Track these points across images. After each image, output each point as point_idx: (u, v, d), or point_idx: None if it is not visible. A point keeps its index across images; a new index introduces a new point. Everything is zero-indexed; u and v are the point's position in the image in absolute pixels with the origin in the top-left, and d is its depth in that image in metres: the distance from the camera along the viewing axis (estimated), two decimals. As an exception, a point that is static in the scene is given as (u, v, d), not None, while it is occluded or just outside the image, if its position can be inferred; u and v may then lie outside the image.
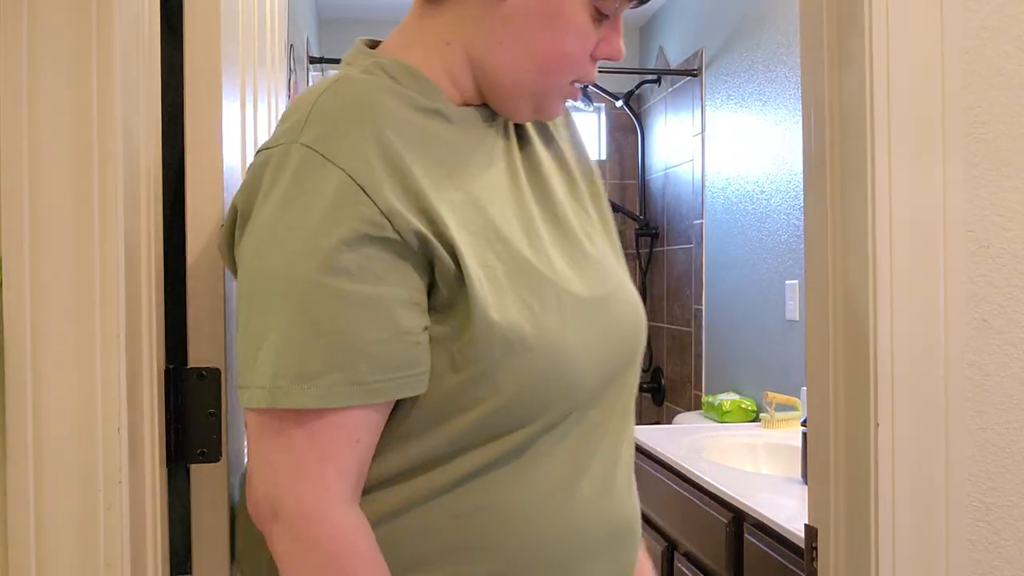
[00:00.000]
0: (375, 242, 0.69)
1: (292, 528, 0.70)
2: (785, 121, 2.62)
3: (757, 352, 2.82)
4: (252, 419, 0.72)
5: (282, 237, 0.69)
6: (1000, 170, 0.94)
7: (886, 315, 0.91)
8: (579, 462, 0.80)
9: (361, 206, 0.68)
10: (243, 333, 0.71)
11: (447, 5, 0.80)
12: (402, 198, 0.70)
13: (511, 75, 0.80)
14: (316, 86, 0.76)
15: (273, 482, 0.70)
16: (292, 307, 0.68)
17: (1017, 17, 0.95)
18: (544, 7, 0.77)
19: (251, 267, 0.70)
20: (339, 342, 0.68)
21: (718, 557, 1.79)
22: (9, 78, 0.70)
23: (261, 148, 0.73)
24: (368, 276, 0.68)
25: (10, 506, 0.70)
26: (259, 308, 0.69)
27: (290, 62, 2.83)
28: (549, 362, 0.74)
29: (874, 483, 0.91)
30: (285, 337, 0.68)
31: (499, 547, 0.76)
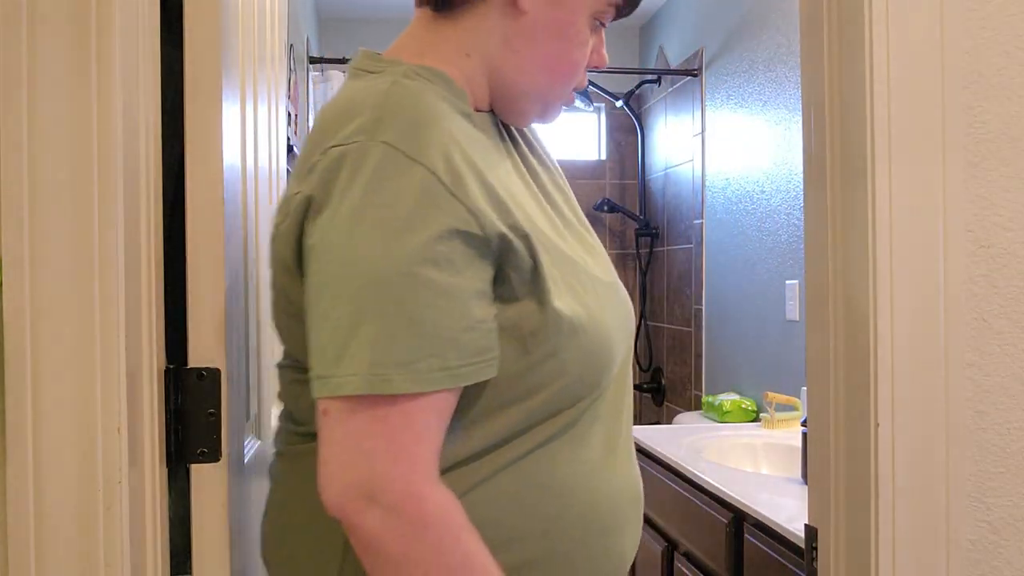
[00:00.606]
0: (460, 236, 0.73)
1: (396, 509, 0.71)
2: (785, 121, 2.62)
3: (757, 352, 2.82)
4: (338, 407, 0.71)
5: (369, 231, 0.71)
6: (1000, 170, 0.94)
7: (886, 315, 0.91)
8: (611, 435, 0.86)
9: (448, 203, 0.72)
10: (325, 323, 0.72)
11: (463, 18, 0.84)
12: (483, 196, 0.75)
13: (525, 83, 0.87)
14: (365, 90, 0.79)
15: (368, 467, 0.71)
16: (385, 298, 0.70)
17: (1017, 17, 0.95)
18: (557, 20, 0.84)
19: (336, 258, 0.72)
20: (431, 330, 0.71)
21: (718, 557, 1.79)
22: (9, 78, 0.70)
23: (332, 145, 0.74)
24: (451, 268, 0.72)
25: (10, 506, 0.70)
26: (348, 299, 0.71)
27: (290, 62, 2.83)
28: (599, 341, 0.81)
29: (874, 483, 0.91)
30: (380, 326, 0.70)
31: (557, 522, 0.81)
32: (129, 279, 0.74)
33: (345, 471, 0.72)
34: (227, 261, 0.89)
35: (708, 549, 1.84)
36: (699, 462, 2.00)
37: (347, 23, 3.99)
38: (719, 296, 3.15)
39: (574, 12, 0.85)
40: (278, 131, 1.38)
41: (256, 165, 1.13)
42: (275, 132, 1.34)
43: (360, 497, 0.71)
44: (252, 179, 1.09)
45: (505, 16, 0.84)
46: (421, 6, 0.87)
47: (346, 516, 0.72)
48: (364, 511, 0.71)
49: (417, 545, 0.72)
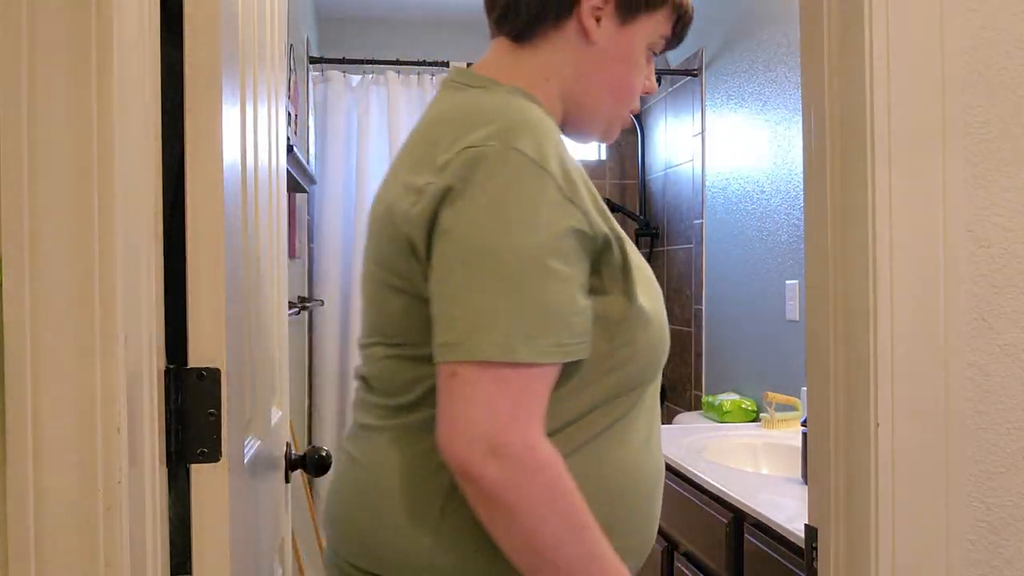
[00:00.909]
0: (576, 235, 0.85)
1: (516, 458, 0.81)
2: (785, 121, 2.62)
3: (757, 352, 2.82)
4: (469, 370, 0.82)
5: (507, 223, 0.82)
6: (1000, 170, 0.94)
7: (886, 315, 0.91)
8: (651, 421, 0.99)
9: (568, 207, 0.85)
10: (460, 297, 0.83)
11: (540, 47, 0.98)
12: (590, 201, 0.88)
13: (593, 104, 1.01)
14: (480, 101, 0.91)
15: (492, 422, 0.81)
16: (517, 281, 0.82)
17: (1018, 17, 0.95)
18: (622, 50, 0.99)
19: (475, 242, 0.83)
20: (551, 312, 0.83)
21: (718, 557, 1.79)
22: (9, 78, 0.70)
23: (467, 146, 0.85)
24: (568, 261, 0.85)
25: (10, 506, 0.70)
26: (483, 278, 0.82)
27: (290, 62, 2.83)
28: (659, 333, 0.95)
29: (874, 483, 0.91)
30: (511, 304, 0.82)
31: (619, 493, 0.93)
32: (129, 279, 0.74)
33: (471, 426, 0.81)
34: (227, 261, 0.89)
35: (708, 549, 1.84)
36: (699, 462, 2.00)
37: (347, 23, 3.99)
38: (719, 296, 3.15)
39: (634, 42, 0.99)
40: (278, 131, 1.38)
41: (256, 165, 1.13)
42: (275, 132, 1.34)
43: (483, 449, 0.81)
44: (252, 179, 1.09)
45: (577, 46, 0.98)
46: (499, 36, 1.01)
47: (470, 467, 0.81)
48: (486, 462, 0.80)
49: (531, 490, 0.81)
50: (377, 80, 3.61)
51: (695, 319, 3.38)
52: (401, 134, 3.56)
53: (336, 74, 3.58)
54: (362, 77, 3.62)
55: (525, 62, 0.99)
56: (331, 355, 3.54)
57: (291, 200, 2.90)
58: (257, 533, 1.11)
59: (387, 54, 3.84)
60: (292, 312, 2.68)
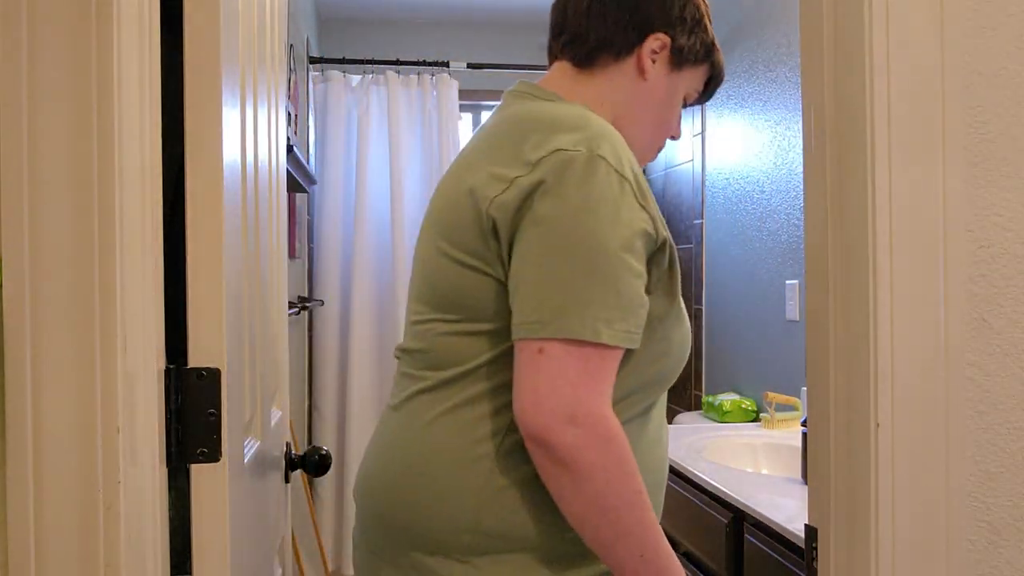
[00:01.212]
0: (646, 236, 0.95)
1: (593, 426, 0.91)
2: (785, 121, 2.62)
3: (757, 352, 2.82)
4: (556, 347, 0.91)
5: (596, 220, 0.92)
6: (1000, 170, 0.94)
7: (886, 315, 0.91)
8: (662, 416, 1.11)
9: (641, 212, 0.95)
10: (550, 280, 0.92)
11: (599, 75, 1.12)
12: (655, 208, 0.98)
13: (637, 133, 1.13)
14: (558, 111, 1.01)
15: (573, 394, 0.91)
16: (602, 271, 0.92)
17: (1018, 17, 0.95)
18: (667, 92, 1.14)
19: (567, 233, 0.92)
20: (625, 302, 0.93)
21: (718, 557, 1.79)
22: (9, 78, 0.70)
23: (559, 148, 0.95)
24: (637, 258, 0.95)
25: (10, 506, 0.70)
26: (573, 266, 0.92)
27: (290, 62, 2.83)
28: (686, 333, 1.06)
29: (874, 483, 0.91)
30: (596, 291, 0.92)
31: (646, 475, 1.01)
32: (129, 279, 0.74)
33: (554, 396, 0.90)
34: (227, 261, 0.89)
35: (708, 549, 1.84)
36: (699, 462, 2.00)
37: (347, 23, 3.99)
38: (719, 296, 3.15)
39: (677, 88, 1.14)
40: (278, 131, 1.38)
41: (256, 165, 1.13)
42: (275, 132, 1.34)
43: (564, 418, 0.90)
44: (252, 179, 1.09)
45: (632, 80, 1.11)
46: (562, 60, 1.13)
47: (549, 433, 0.90)
48: (565, 429, 0.90)
49: (605, 456, 0.91)
50: (377, 80, 3.61)
51: (695, 319, 3.38)
52: (401, 134, 3.56)
53: (336, 74, 3.58)
54: (362, 77, 3.62)
55: (585, 85, 1.11)
56: (331, 355, 3.54)
57: (291, 200, 2.90)
58: (257, 533, 1.11)
59: (387, 54, 3.84)
60: (292, 312, 2.68)
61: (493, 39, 4.08)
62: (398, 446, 1.04)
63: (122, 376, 0.72)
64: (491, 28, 4.10)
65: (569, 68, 1.12)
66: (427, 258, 1.06)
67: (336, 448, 3.53)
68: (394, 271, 3.53)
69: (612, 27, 1.10)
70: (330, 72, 3.58)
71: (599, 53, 1.11)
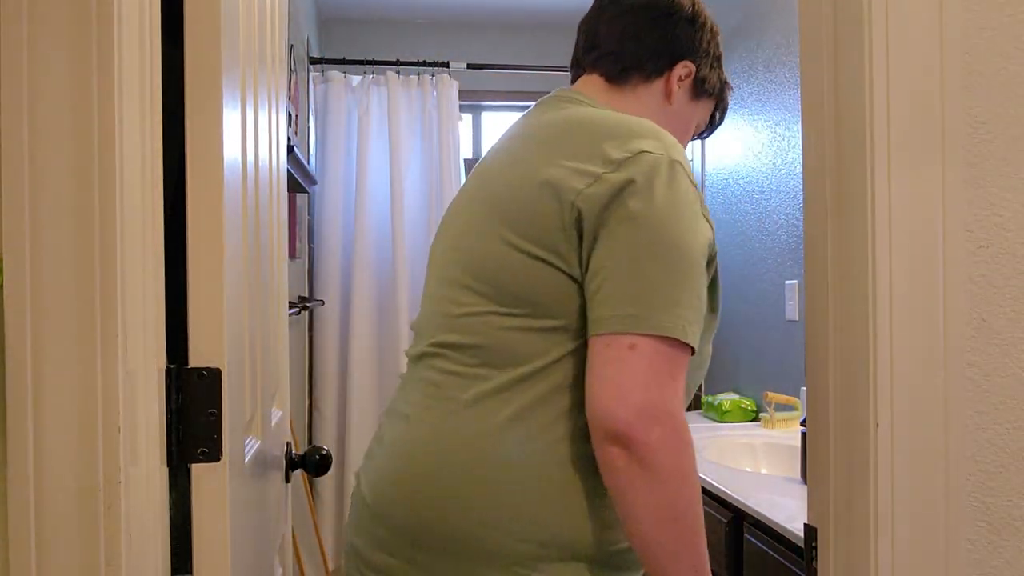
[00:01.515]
0: (710, 247, 0.99)
1: (675, 428, 0.90)
2: (785, 121, 2.62)
3: (757, 352, 2.82)
4: (647, 343, 0.90)
5: (683, 226, 0.95)
6: (1000, 170, 0.94)
7: (886, 315, 0.91)
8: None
9: (708, 223, 1.00)
10: (641, 276, 0.92)
11: (629, 92, 1.16)
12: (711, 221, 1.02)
13: None
14: (622, 116, 1.03)
15: (660, 393, 0.90)
16: (688, 275, 0.94)
17: (1017, 17, 0.95)
18: (684, 117, 1.21)
19: (657, 233, 0.93)
20: (700, 307, 0.96)
21: (718, 556, 1.79)
22: (9, 78, 0.70)
23: (643, 151, 0.97)
24: (706, 267, 0.98)
25: (10, 506, 0.70)
26: (663, 266, 0.93)
27: (290, 62, 2.83)
28: (710, 347, 1.10)
29: (874, 483, 0.91)
30: (683, 293, 0.93)
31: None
32: (129, 279, 0.74)
33: (640, 393, 0.89)
34: (227, 261, 0.89)
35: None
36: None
37: (347, 23, 3.99)
38: (719, 296, 3.15)
39: (694, 115, 1.22)
40: (279, 131, 1.38)
41: (257, 165, 1.13)
42: (276, 132, 1.34)
43: (649, 416, 0.89)
44: (253, 179, 1.09)
45: (658, 101, 1.17)
46: (593, 73, 1.17)
47: (632, 430, 0.89)
48: (650, 428, 0.88)
49: (681, 459, 0.91)
50: (377, 80, 3.61)
51: (695, 319, 3.37)
52: (401, 134, 3.56)
53: (336, 74, 3.58)
54: (362, 77, 3.62)
55: (618, 100, 1.16)
56: (331, 355, 3.54)
57: (291, 200, 2.90)
58: (257, 533, 1.11)
59: (387, 54, 3.84)
60: (292, 312, 2.68)
61: (493, 39, 4.08)
62: (460, 451, 0.97)
63: (123, 376, 0.72)
64: (491, 28, 4.10)
65: (601, 82, 1.17)
66: (482, 248, 1.02)
67: (336, 448, 3.53)
68: (394, 271, 3.53)
69: (646, 51, 1.15)
70: (330, 72, 3.58)
71: (631, 72, 1.16)
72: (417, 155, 3.64)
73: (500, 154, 1.09)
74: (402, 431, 1.04)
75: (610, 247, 0.93)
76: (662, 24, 1.15)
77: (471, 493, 0.96)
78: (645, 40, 1.14)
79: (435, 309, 1.07)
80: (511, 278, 0.99)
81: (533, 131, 1.07)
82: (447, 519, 0.96)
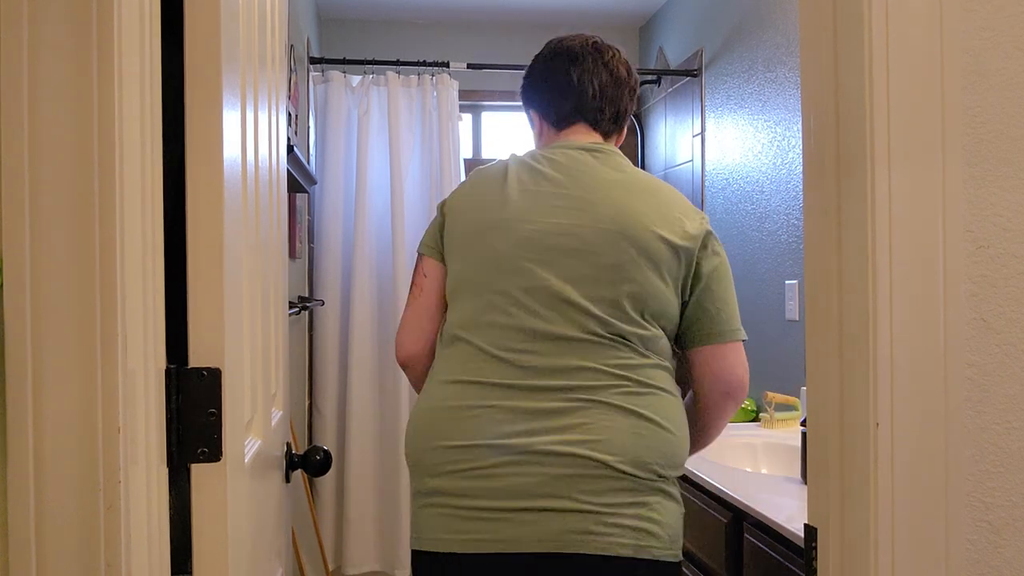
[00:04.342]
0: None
1: (744, 395, 1.50)
2: (785, 121, 2.62)
3: (757, 352, 2.82)
4: (741, 343, 1.49)
5: (728, 267, 1.51)
6: (1000, 170, 0.94)
7: (886, 315, 0.91)
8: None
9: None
10: (729, 301, 1.49)
11: (608, 140, 1.59)
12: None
13: None
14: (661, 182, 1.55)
15: (744, 374, 1.48)
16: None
17: (1017, 17, 0.95)
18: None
19: (729, 275, 1.50)
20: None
21: (718, 557, 1.79)
22: (9, 78, 0.70)
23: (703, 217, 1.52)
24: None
25: (10, 506, 0.70)
26: (733, 294, 1.50)
27: (290, 62, 2.83)
28: None
29: (874, 483, 0.91)
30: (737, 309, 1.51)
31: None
32: (129, 279, 0.74)
33: (745, 375, 1.48)
34: (227, 261, 0.89)
35: (708, 549, 1.84)
36: (699, 462, 2.00)
37: (347, 23, 3.99)
38: (719, 296, 3.15)
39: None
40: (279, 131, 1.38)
41: (257, 165, 1.13)
42: (276, 132, 1.34)
43: (743, 388, 1.49)
44: (253, 179, 1.09)
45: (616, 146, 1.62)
46: (596, 130, 1.57)
47: (743, 390, 1.48)
48: (746, 387, 1.49)
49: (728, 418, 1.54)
50: (377, 80, 3.61)
51: (695, 319, 3.37)
52: (401, 134, 3.56)
53: (336, 74, 3.58)
54: (362, 77, 3.62)
55: (608, 148, 1.57)
56: (331, 355, 3.54)
57: (291, 200, 2.90)
58: (257, 533, 1.11)
59: (387, 54, 3.84)
60: (292, 312, 2.68)
61: (493, 39, 4.08)
62: (667, 407, 1.41)
63: (123, 376, 0.72)
64: (491, 28, 4.10)
65: (596, 134, 1.57)
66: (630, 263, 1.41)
67: (336, 448, 3.53)
68: (394, 271, 3.53)
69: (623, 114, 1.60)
70: (330, 72, 3.58)
71: (616, 130, 1.61)
72: (417, 155, 3.64)
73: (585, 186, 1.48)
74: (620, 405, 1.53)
75: (709, 276, 1.48)
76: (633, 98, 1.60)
77: (672, 440, 1.45)
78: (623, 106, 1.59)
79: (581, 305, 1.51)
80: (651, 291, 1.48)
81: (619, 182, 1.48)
82: (653, 453, 1.44)
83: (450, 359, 1.43)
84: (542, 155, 1.49)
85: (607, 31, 4.17)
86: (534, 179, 1.45)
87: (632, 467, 1.32)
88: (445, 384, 1.40)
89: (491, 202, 1.45)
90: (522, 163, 1.49)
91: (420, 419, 1.42)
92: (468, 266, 1.45)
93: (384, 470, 3.52)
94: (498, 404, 1.35)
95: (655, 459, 1.34)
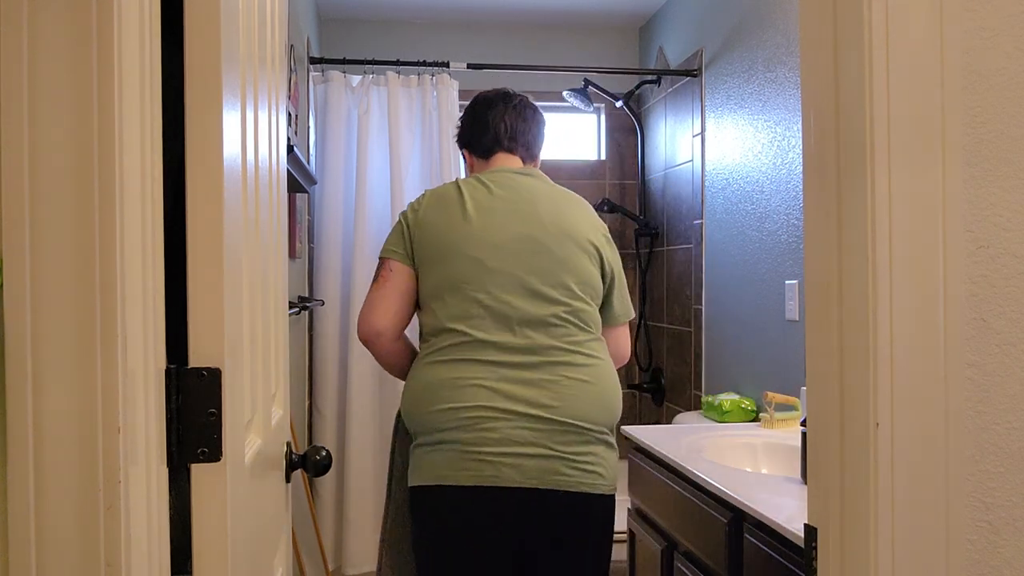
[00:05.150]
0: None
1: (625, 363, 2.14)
2: (785, 121, 2.62)
3: (757, 352, 2.82)
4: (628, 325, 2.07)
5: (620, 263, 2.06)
6: (1000, 170, 0.94)
7: (886, 315, 0.91)
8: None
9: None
10: (624, 290, 2.02)
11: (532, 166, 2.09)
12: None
13: None
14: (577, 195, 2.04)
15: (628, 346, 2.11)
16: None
17: (1017, 17, 0.95)
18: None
19: (621, 270, 2.01)
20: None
21: (718, 557, 1.79)
22: (9, 78, 0.70)
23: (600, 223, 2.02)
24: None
25: (11, 505, 0.70)
26: (626, 287, 2.03)
27: (290, 62, 2.83)
28: None
29: (874, 483, 0.91)
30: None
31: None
32: (129, 279, 0.74)
33: (629, 348, 2.05)
34: (227, 261, 0.89)
35: (708, 549, 1.84)
36: (699, 462, 2.00)
37: (347, 23, 3.99)
38: (719, 296, 3.15)
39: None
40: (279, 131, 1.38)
41: (256, 165, 1.13)
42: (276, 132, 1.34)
43: (627, 357, 2.07)
44: (252, 179, 1.09)
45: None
46: (528, 160, 2.07)
47: (625, 364, 2.07)
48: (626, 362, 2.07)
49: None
50: (377, 80, 3.61)
51: (695, 319, 3.38)
52: (401, 134, 3.56)
53: (336, 74, 3.58)
54: (362, 77, 3.62)
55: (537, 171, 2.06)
56: (331, 355, 3.54)
57: (291, 200, 2.90)
58: (257, 533, 1.11)
59: (387, 54, 3.84)
60: (292, 312, 2.68)
61: (493, 39, 4.08)
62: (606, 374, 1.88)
63: (123, 376, 0.72)
64: (491, 28, 4.10)
65: (517, 159, 2.04)
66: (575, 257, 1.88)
67: (336, 448, 3.53)
68: (394, 271, 3.53)
69: (532, 142, 2.07)
70: (330, 72, 3.58)
71: (531, 156, 2.07)
72: (417, 155, 3.64)
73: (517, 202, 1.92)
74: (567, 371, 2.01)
75: (614, 271, 1.95)
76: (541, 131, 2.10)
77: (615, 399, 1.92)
78: (540, 138, 2.09)
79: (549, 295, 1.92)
80: (593, 284, 1.94)
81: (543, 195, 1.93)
82: (609, 415, 1.89)
83: (442, 344, 1.82)
84: (487, 179, 1.93)
85: (607, 31, 4.17)
86: (487, 198, 1.89)
87: (587, 423, 1.81)
88: (441, 364, 1.81)
89: (455, 218, 1.86)
90: (471, 185, 1.92)
91: (423, 390, 1.82)
92: (448, 271, 1.83)
93: (384, 470, 3.52)
94: (488, 375, 1.79)
95: (601, 418, 1.83)
